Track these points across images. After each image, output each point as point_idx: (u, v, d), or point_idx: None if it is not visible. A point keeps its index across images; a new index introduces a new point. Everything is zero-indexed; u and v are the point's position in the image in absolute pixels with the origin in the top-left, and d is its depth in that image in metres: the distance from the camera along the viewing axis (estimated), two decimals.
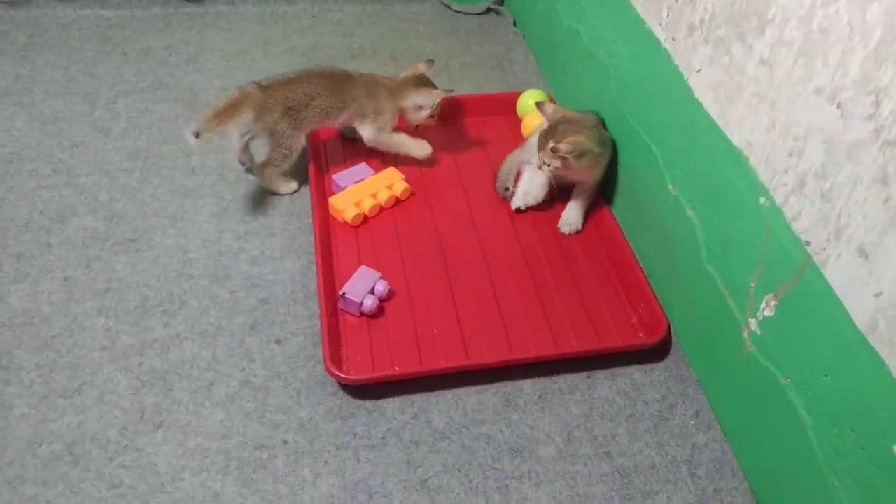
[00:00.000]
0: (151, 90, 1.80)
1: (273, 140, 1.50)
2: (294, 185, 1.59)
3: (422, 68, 1.62)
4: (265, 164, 1.53)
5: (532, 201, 1.56)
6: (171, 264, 1.40)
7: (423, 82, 1.59)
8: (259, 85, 1.49)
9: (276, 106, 1.48)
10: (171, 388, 1.22)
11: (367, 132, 1.57)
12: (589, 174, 1.50)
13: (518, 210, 1.56)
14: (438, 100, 1.57)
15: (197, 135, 1.39)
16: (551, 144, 1.41)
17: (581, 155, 1.42)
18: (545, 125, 1.49)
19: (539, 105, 1.53)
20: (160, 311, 1.32)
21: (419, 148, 1.62)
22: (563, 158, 1.41)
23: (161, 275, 1.38)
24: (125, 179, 1.56)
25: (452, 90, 1.62)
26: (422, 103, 1.57)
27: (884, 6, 0.82)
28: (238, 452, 1.14)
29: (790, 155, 1.01)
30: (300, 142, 1.54)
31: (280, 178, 1.56)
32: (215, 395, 1.21)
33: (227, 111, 1.43)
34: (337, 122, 1.57)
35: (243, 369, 1.25)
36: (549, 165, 1.45)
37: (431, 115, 1.60)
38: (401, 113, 1.59)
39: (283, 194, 1.57)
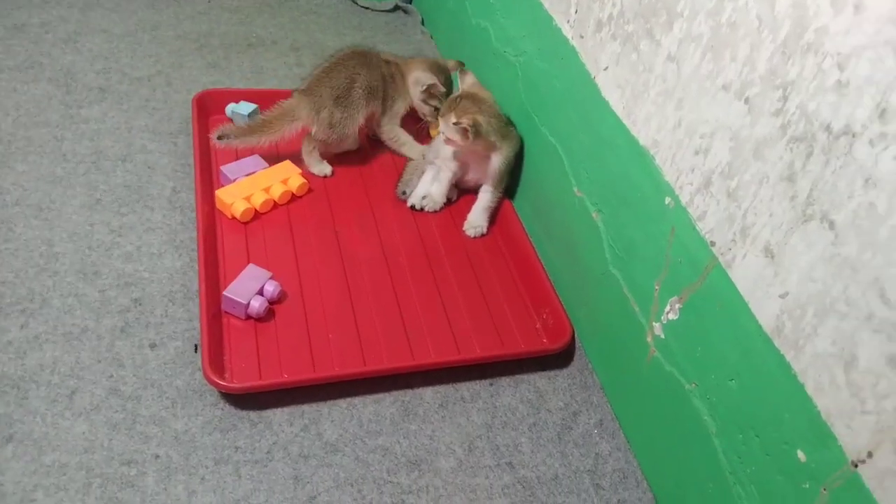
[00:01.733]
0: (22, 69, 1.63)
1: (330, 128, 1.49)
2: (328, 168, 1.55)
3: (451, 64, 1.61)
4: (312, 138, 1.51)
5: (431, 206, 1.51)
6: (32, 258, 1.25)
7: (432, 65, 1.57)
8: (301, 91, 1.48)
9: (327, 100, 1.46)
10: (25, 396, 1.07)
11: (384, 118, 1.56)
12: (482, 160, 1.46)
13: (413, 208, 1.51)
14: (430, 81, 1.54)
15: (221, 137, 1.42)
16: (453, 118, 1.38)
17: (477, 134, 1.38)
18: (455, 94, 1.47)
19: (461, 72, 1.53)
20: (17, 309, 1.17)
21: (415, 150, 1.61)
22: (464, 132, 1.36)
23: (21, 270, 1.23)
24: None
25: (463, 63, 1.60)
26: (421, 80, 1.55)
27: None
28: (102, 468, 1.02)
29: (696, 153, 0.98)
30: (354, 126, 1.52)
31: (318, 158, 1.55)
32: (77, 404, 1.08)
33: (266, 127, 1.44)
34: (378, 103, 1.54)
35: (111, 376, 1.12)
36: (442, 133, 1.42)
37: (434, 108, 1.56)
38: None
39: (316, 174, 1.54)
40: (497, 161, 1.44)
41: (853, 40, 0.73)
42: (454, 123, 1.36)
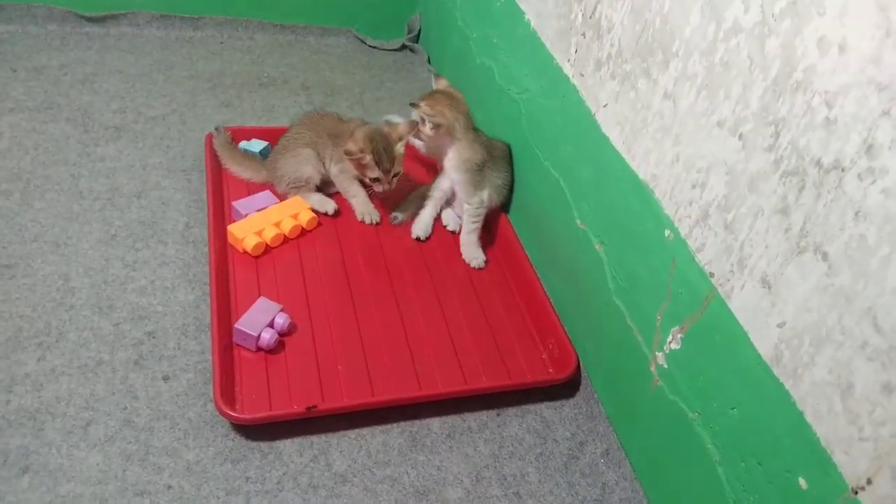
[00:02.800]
0: (41, 109, 1.69)
1: (276, 176, 1.57)
2: (330, 205, 1.57)
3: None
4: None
5: (422, 232, 1.56)
6: (49, 293, 1.28)
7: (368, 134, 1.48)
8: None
9: (275, 155, 1.57)
10: (41, 428, 1.10)
11: (333, 169, 1.56)
12: (451, 165, 1.50)
13: (418, 239, 1.55)
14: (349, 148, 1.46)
15: (218, 128, 1.59)
16: (423, 105, 1.46)
17: (437, 126, 1.45)
18: (431, 90, 1.55)
19: (436, 76, 1.59)
20: (35, 343, 1.20)
21: (362, 209, 1.57)
22: (422, 121, 1.45)
23: (38, 304, 1.26)
24: (3, 202, 1.43)
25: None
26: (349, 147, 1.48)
27: (781, 40, 0.84)
28: (115, 499, 1.03)
29: (694, 187, 1.01)
30: (302, 171, 1.54)
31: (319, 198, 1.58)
32: (92, 435, 1.10)
33: (242, 162, 1.58)
34: (327, 153, 1.56)
35: (125, 408, 1.15)
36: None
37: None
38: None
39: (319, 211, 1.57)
40: (457, 158, 1.48)
41: (839, 79, 0.77)
42: (421, 109, 1.45)
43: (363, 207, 1.56)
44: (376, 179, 1.48)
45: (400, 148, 1.47)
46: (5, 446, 1.07)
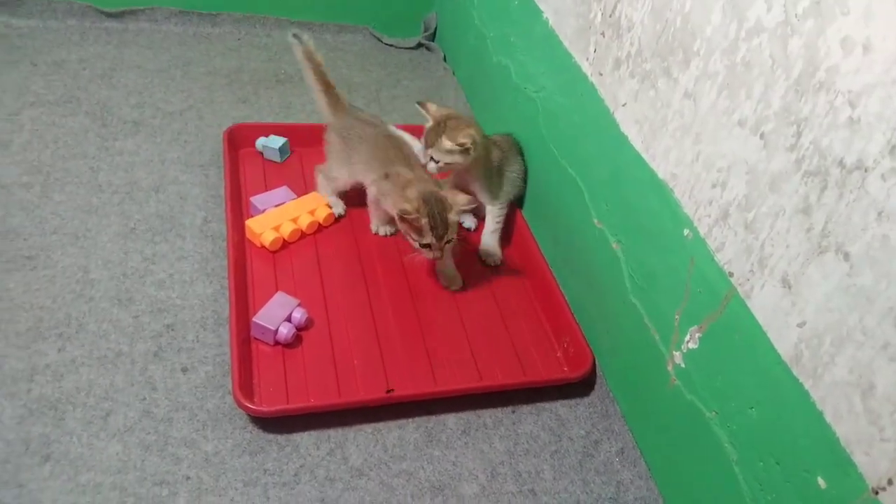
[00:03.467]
0: (60, 103, 1.70)
1: (327, 154, 1.55)
2: (340, 208, 1.56)
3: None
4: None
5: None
6: (69, 285, 1.30)
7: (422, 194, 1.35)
8: (347, 111, 1.56)
9: (334, 131, 1.52)
10: (62, 417, 1.11)
11: (371, 190, 1.47)
12: (471, 177, 1.49)
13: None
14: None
15: (295, 35, 1.54)
16: (447, 140, 1.40)
17: (474, 147, 1.41)
18: (430, 123, 1.46)
19: (420, 104, 1.49)
20: (55, 333, 1.22)
21: (378, 222, 1.54)
22: (465, 152, 1.40)
23: (58, 296, 1.28)
24: (23, 194, 1.44)
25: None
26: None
27: (804, 40, 0.84)
28: (135, 488, 1.05)
29: (714, 186, 1.01)
30: (341, 173, 1.52)
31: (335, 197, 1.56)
32: (112, 425, 1.11)
33: (322, 83, 1.55)
34: (369, 174, 1.48)
35: (144, 399, 1.16)
36: (437, 163, 1.43)
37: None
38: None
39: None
40: (480, 167, 1.48)
41: (863, 79, 0.77)
42: (458, 144, 1.39)
43: (380, 222, 1.54)
44: (427, 245, 1.32)
45: (454, 217, 1.32)
46: (27, 434, 1.08)
